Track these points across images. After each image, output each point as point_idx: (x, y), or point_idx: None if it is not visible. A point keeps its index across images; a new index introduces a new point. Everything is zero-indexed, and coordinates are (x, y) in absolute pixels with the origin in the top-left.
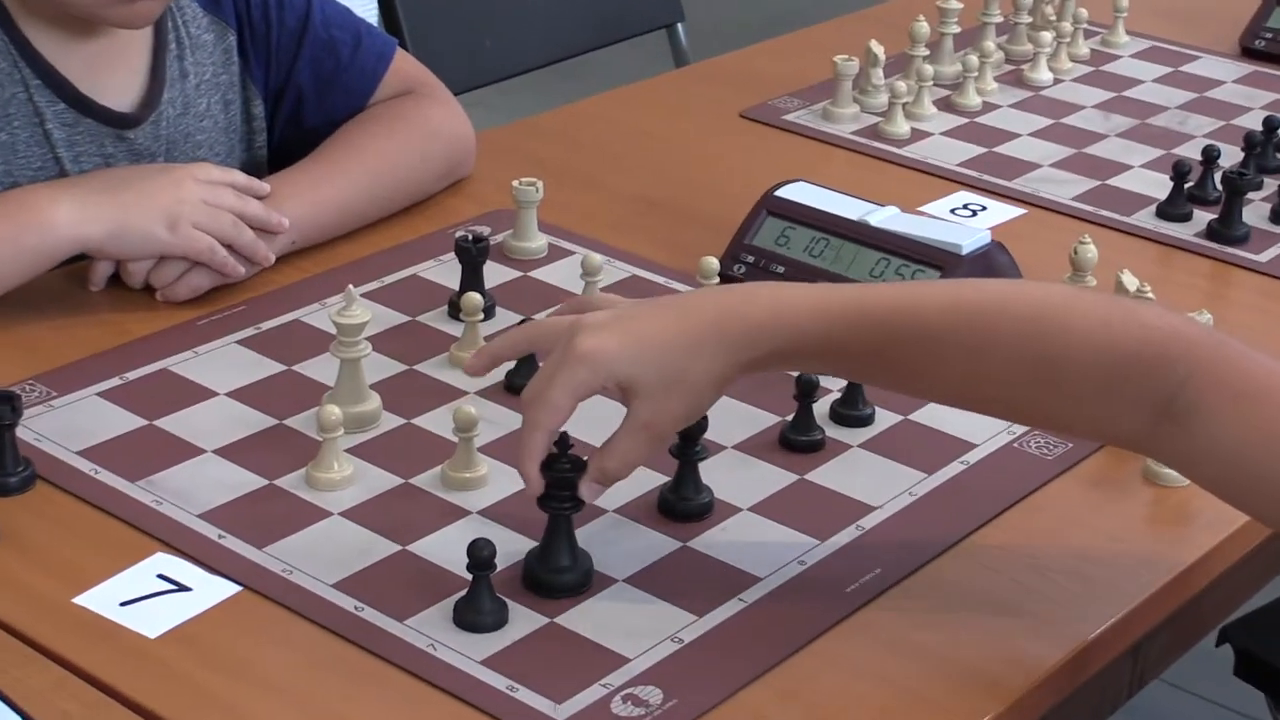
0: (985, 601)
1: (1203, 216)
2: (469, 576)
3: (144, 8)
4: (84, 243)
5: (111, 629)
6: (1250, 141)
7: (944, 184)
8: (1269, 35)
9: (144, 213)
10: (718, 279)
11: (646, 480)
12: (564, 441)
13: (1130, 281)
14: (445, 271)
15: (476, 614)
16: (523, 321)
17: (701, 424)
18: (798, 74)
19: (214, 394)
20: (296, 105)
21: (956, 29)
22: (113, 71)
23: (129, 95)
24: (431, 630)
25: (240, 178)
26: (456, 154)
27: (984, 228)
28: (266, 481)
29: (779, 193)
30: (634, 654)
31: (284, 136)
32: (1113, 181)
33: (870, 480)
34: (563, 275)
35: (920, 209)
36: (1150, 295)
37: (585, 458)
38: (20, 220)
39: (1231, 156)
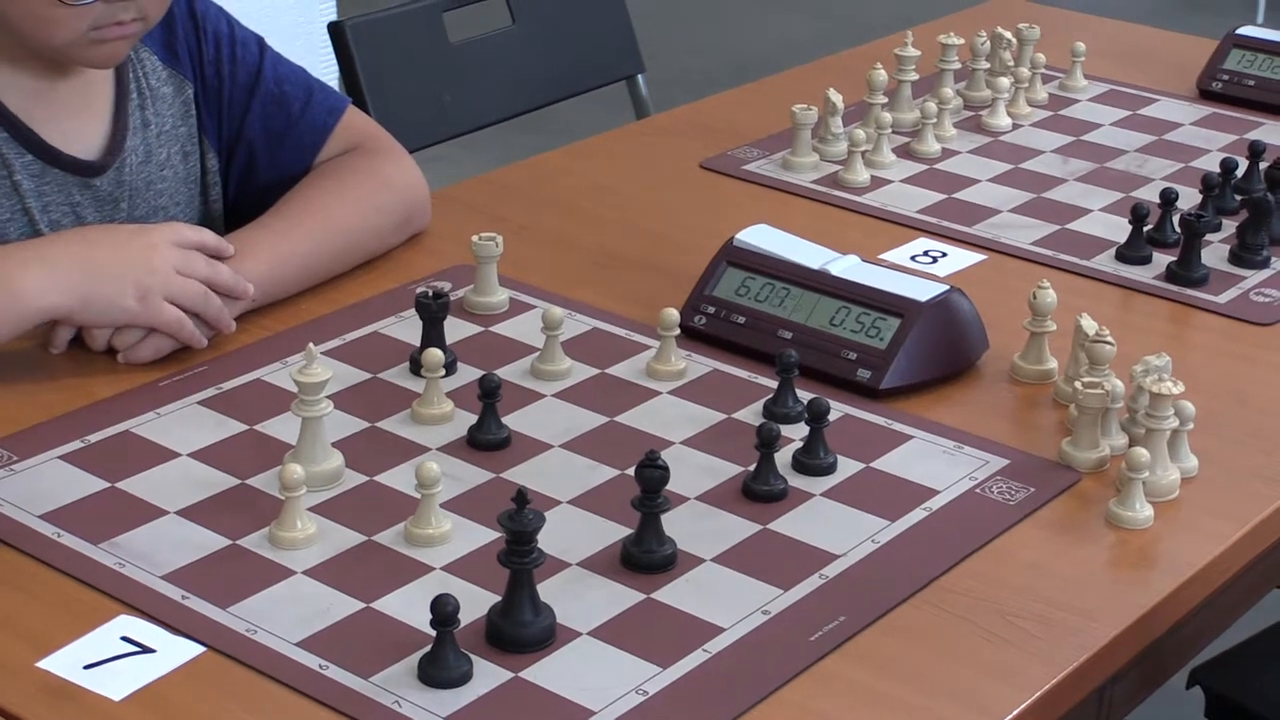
0: (949, 647)
1: (1162, 259)
2: (433, 633)
3: (114, 48)
4: (52, 312)
5: (76, 692)
6: (1208, 184)
7: (904, 231)
8: (1225, 77)
9: (113, 283)
10: (678, 330)
11: (609, 533)
12: (522, 497)
13: (1089, 325)
14: (406, 328)
15: (441, 670)
16: (484, 378)
17: (663, 475)
18: (757, 124)
19: (176, 455)
20: (249, 160)
21: (915, 76)
22: (78, 119)
23: (93, 142)
24: (396, 687)
25: (210, 238)
26: (411, 205)
27: (944, 275)
28: (229, 541)
29: (740, 236)
30: (599, 706)
31: (238, 192)
32: (1072, 226)
33: (833, 529)
34: (524, 330)
35: (881, 256)
36: (1109, 339)
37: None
38: None
39: (1190, 199)
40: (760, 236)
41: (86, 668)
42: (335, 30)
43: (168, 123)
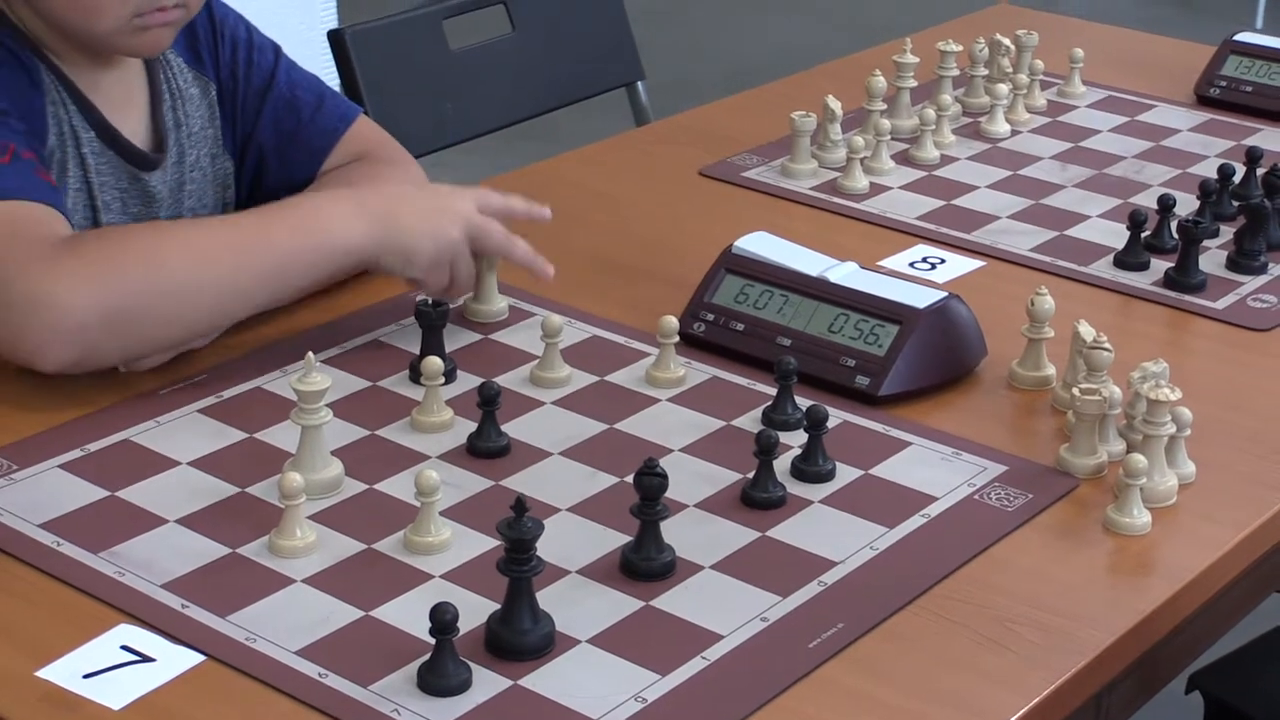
0: (947, 654)
1: (1160, 265)
2: (432, 641)
3: (157, 35)
4: (358, 253)
5: (76, 701)
6: (1206, 190)
7: (903, 238)
8: (1224, 84)
9: (417, 238)
10: (677, 338)
11: (608, 540)
12: (521, 504)
13: (1087, 331)
14: (406, 336)
15: (440, 678)
16: (483, 385)
17: (662, 483)
18: (756, 131)
19: (176, 463)
20: (259, 162)
21: (913, 83)
22: (121, 114)
23: (138, 139)
24: (395, 695)
25: (519, 203)
26: None
27: (942, 281)
28: (229, 550)
29: (739, 244)
30: (598, 714)
31: (249, 195)
32: (1070, 232)
33: (832, 536)
34: (523, 338)
35: (879, 263)
36: (1107, 345)
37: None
38: (308, 228)
39: (1188, 205)
40: (759, 244)
41: (86, 677)
42: (335, 38)
43: (196, 124)
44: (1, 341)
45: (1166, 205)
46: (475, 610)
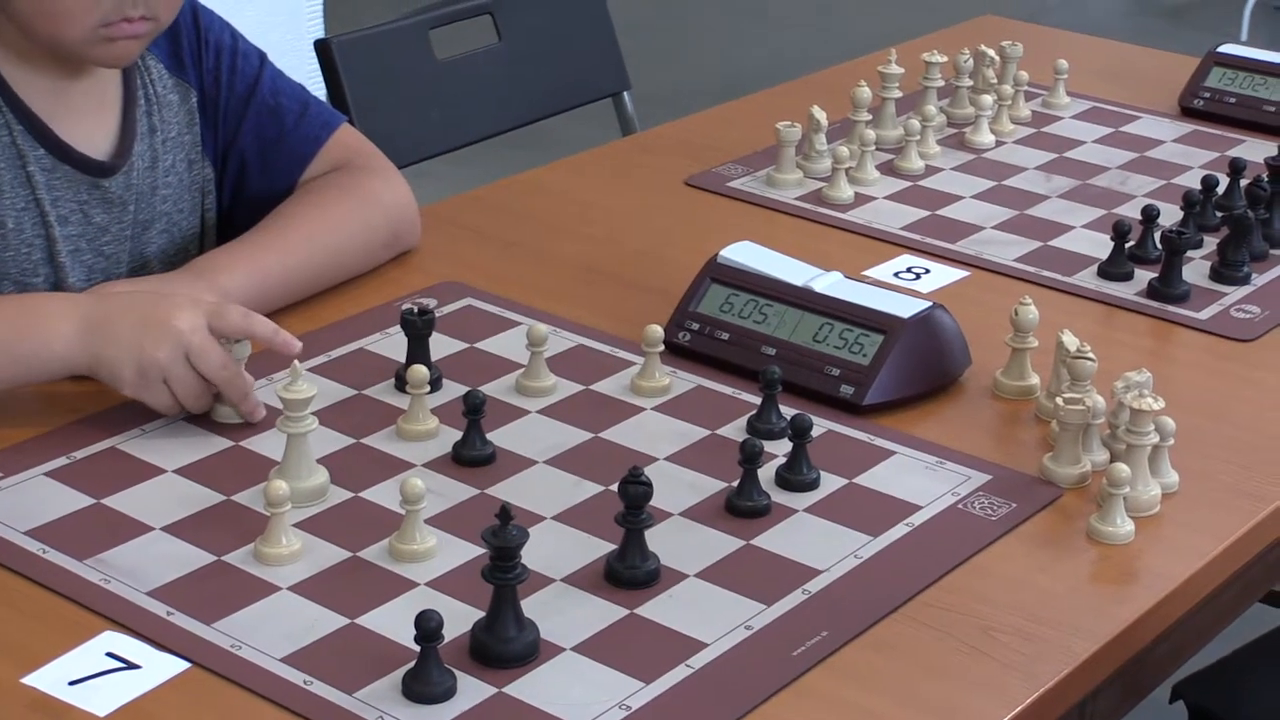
0: (932, 662)
1: (1144, 276)
2: (417, 648)
3: (124, 47)
4: (71, 368)
5: (61, 708)
6: (1189, 201)
7: (887, 248)
8: (1207, 95)
9: (119, 353)
10: (662, 347)
11: (593, 548)
12: (505, 513)
13: (1071, 341)
14: (391, 344)
15: (425, 685)
16: (468, 394)
17: (647, 491)
18: (741, 141)
19: (162, 471)
20: (240, 169)
21: (898, 94)
22: (88, 120)
23: (103, 145)
24: (380, 702)
25: (261, 327)
26: (398, 223)
27: (926, 291)
28: (215, 558)
29: (724, 253)
30: None
31: (231, 203)
32: (1054, 242)
33: (816, 544)
34: (508, 346)
35: (864, 273)
36: (1091, 355)
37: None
38: (20, 327)
39: (1171, 216)
40: (744, 253)
41: (72, 684)
42: (322, 48)
43: (173, 130)
44: None
45: (1150, 216)
46: (460, 618)
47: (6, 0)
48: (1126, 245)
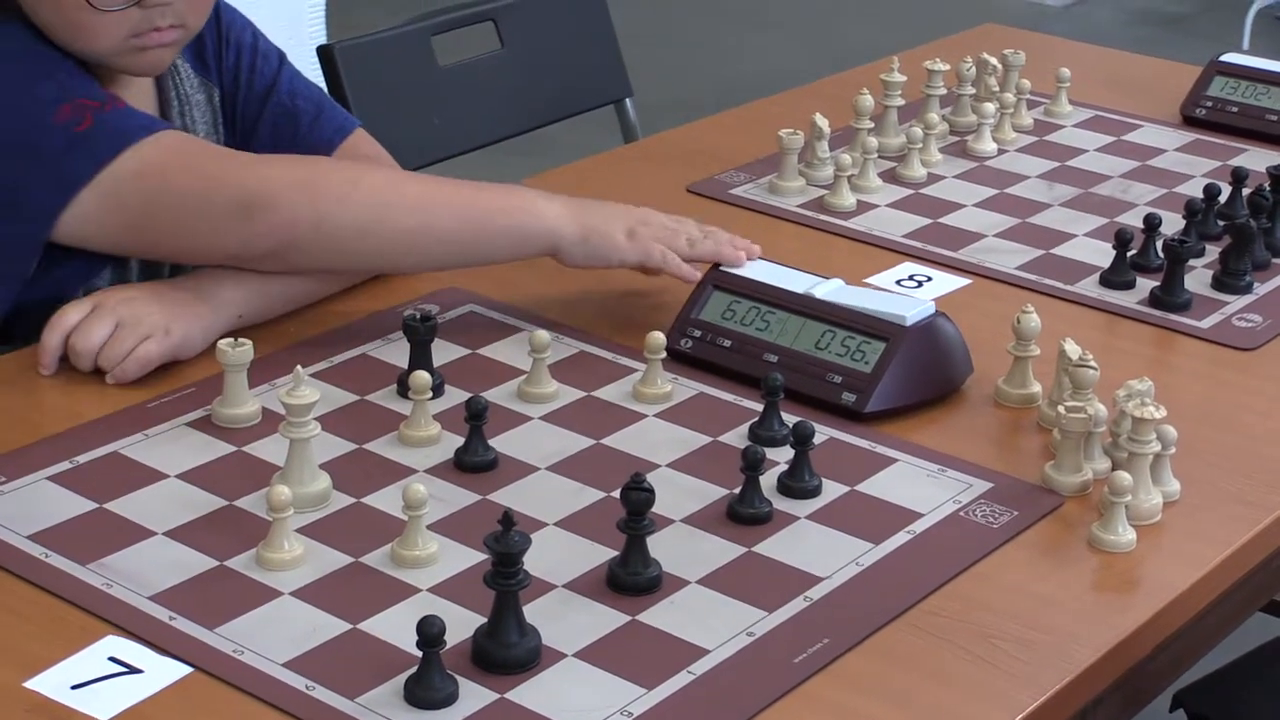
0: (933, 670)
1: (1146, 284)
2: (419, 654)
3: (156, 55)
4: (558, 238)
5: (63, 712)
6: (1191, 209)
7: (889, 255)
8: (1209, 104)
9: (609, 221)
10: (665, 353)
11: (595, 555)
12: (508, 519)
13: (1073, 350)
14: (394, 350)
15: (427, 691)
16: (471, 400)
17: (649, 498)
18: (743, 148)
19: (164, 476)
20: None
21: (901, 102)
22: None
23: None
24: (382, 708)
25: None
26: None
27: (929, 298)
28: (217, 562)
29: (724, 266)
30: None
31: None
32: (1056, 251)
33: (817, 551)
34: (511, 352)
35: (866, 281)
36: (1093, 363)
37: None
38: (514, 204)
39: (1173, 224)
40: (745, 267)
41: (74, 688)
42: (325, 53)
43: (201, 130)
44: (203, 246)
45: (1152, 224)
46: (462, 623)
47: (38, 14)
48: (1128, 254)
